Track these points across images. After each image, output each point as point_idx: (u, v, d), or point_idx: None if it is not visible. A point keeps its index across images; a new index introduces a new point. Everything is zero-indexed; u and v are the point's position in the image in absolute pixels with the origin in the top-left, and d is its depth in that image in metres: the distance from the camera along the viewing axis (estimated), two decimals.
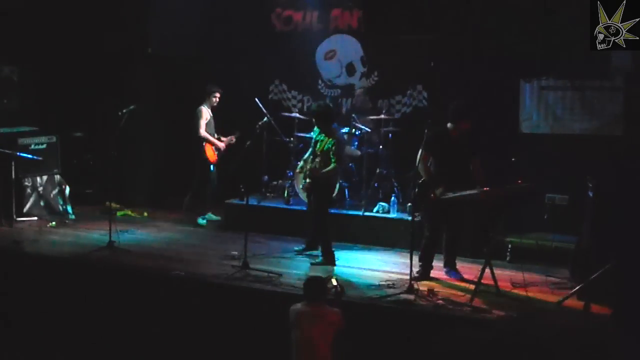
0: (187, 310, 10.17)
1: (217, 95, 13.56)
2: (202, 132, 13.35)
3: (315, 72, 14.90)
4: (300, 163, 11.93)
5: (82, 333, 10.41)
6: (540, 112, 12.63)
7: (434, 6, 12.77)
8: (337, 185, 12.78)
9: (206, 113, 13.46)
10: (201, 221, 13.64)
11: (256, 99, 12.88)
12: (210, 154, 13.43)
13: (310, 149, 11.72)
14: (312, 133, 11.86)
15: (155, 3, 14.70)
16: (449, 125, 10.56)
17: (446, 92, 12.49)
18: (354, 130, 13.30)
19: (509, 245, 11.65)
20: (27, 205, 13.77)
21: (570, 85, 12.40)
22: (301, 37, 14.78)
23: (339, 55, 14.72)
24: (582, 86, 12.32)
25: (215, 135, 13.53)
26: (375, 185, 13.37)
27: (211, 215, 13.78)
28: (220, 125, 14.12)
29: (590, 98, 12.29)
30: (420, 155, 10.41)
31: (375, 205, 12.91)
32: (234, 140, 13.51)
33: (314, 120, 11.54)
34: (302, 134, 13.49)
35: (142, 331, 10.21)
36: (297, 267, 11.25)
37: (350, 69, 14.63)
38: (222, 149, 13.52)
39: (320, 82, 14.89)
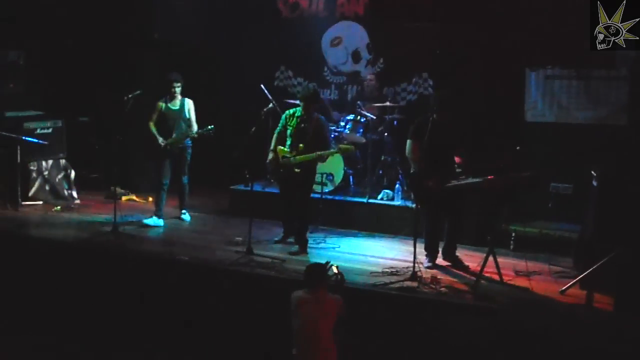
0: (190, 296, 10.21)
1: (177, 85, 12.43)
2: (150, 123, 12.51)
3: (321, 58, 14.88)
4: (270, 155, 11.46)
5: (86, 317, 10.46)
6: (546, 101, 12.64)
7: None
8: (342, 172, 12.84)
9: (161, 105, 12.50)
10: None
11: (262, 85, 12.86)
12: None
13: (276, 136, 11.45)
14: (286, 117, 11.42)
15: None
16: (433, 114, 10.54)
17: (452, 80, 12.51)
18: (359, 117, 13.29)
19: (513, 234, 11.64)
20: (33, 190, 13.81)
21: (576, 74, 12.39)
22: (307, 24, 14.76)
23: (345, 42, 14.71)
24: (587, 75, 12.31)
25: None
26: (380, 172, 13.38)
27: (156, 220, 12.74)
28: (225, 111, 14.14)
29: (595, 87, 12.29)
30: (410, 146, 10.44)
31: (379, 193, 12.92)
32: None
33: (303, 104, 11.24)
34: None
35: (146, 316, 10.25)
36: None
37: (356, 56, 14.61)
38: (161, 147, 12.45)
39: (325, 68, 14.88)
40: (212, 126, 12.20)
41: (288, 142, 11.30)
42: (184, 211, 12.90)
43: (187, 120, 12.44)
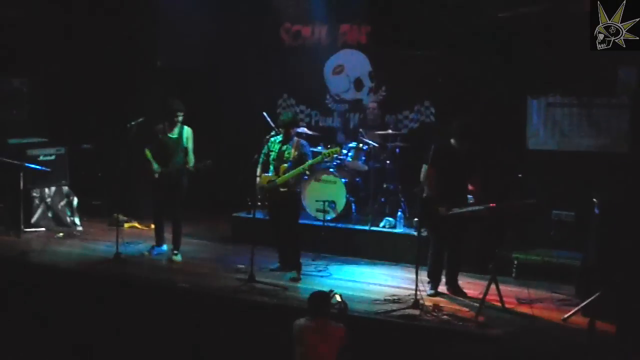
0: (192, 323, 10.19)
1: (180, 115, 12.10)
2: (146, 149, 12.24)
3: (323, 86, 14.94)
4: (257, 180, 11.48)
5: (88, 344, 10.44)
6: (547, 129, 12.65)
7: (442, 22, 12.78)
8: (345, 200, 12.85)
9: (158, 131, 12.19)
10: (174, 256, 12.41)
11: (264, 113, 12.89)
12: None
13: (260, 166, 11.52)
14: (268, 144, 11.52)
15: (164, 17, 14.73)
16: (452, 140, 10.58)
17: (454, 108, 12.54)
18: (361, 145, 13.32)
19: (515, 262, 11.62)
20: (35, 216, 13.84)
21: (577, 102, 12.42)
22: (310, 52, 14.83)
23: (347, 70, 14.76)
24: (589, 103, 12.33)
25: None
26: (382, 200, 13.39)
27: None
28: (227, 139, 14.17)
29: (597, 115, 12.30)
30: (426, 171, 10.43)
31: (381, 220, 12.92)
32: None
33: (284, 130, 11.38)
34: (311, 148, 13.50)
35: (148, 343, 10.23)
36: (303, 280, 11.24)
37: (358, 84, 14.66)
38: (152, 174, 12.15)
39: (328, 96, 14.93)
40: (210, 161, 11.94)
41: (271, 167, 11.41)
42: (175, 252, 12.25)
43: (184, 150, 12.13)
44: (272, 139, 11.56)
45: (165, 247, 12.50)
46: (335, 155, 12.15)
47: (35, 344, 10.59)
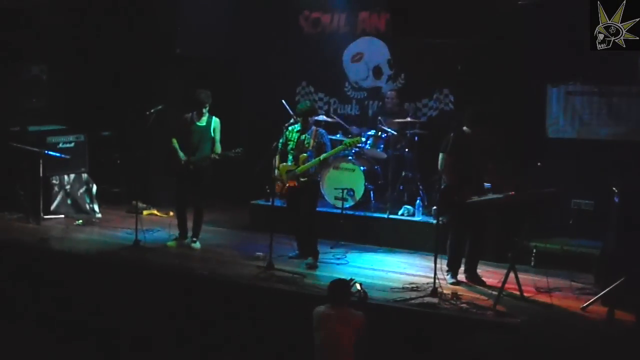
0: (211, 310, 10.22)
1: (207, 106, 12.10)
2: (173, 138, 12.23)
3: (342, 74, 14.93)
4: (275, 172, 11.49)
5: (107, 330, 10.49)
6: (567, 117, 12.60)
7: (462, 11, 12.71)
8: (363, 187, 12.85)
9: (187, 120, 12.20)
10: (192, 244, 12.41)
11: (282, 101, 12.90)
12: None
13: (279, 154, 11.49)
14: (286, 133, 11.49)
15: (183, 4, 14.75)
16: (465, 128, 10.58)
17: (473, 96, 12.51)
18: (380, 133, 13.31)
19: (534, 250, 11.63)
20: (55, 203, 13.90)
21: (597, 90, 12.37)
22: (328, 40, 14.83)
23: (366, 57, 14.75)
24: (609, 91, 12.28)
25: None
26: (401, 188, 13.38)
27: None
28: (246, 126, 14.20)
29: (617, 103, 12.25)
30: (444, 160, 10.42)
31: (400, 208, 12.92)
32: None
33: (302, 119, 11.38)
34: (329, 136, 13.49)
35: (166, 330, 10.27)
36: (322, 268, 11.27)
37: (377, 72, 14.64)
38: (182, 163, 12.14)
39: (347, 84, 14.92)
40: (241, 149, 11.92)
41: (290, 157, 11.42)
42: (195, 239, 12.27)
43: (211, 139, 12.11)
44: (290, 127, 11.54)
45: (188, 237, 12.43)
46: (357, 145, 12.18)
47: (53, 330, 10.67)
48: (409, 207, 12.88)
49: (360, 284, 9.40)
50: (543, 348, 8.67)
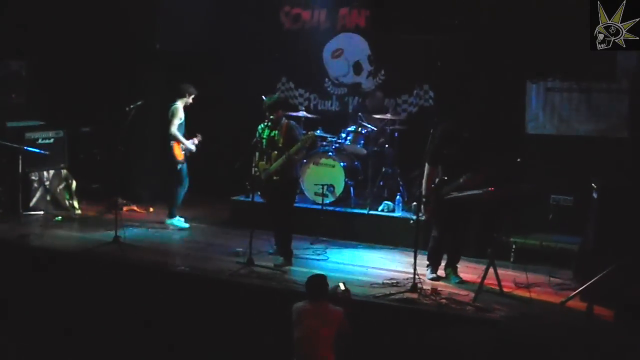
0: (190, 306, 10.21)
1: (193, 96, 13.02)
2: (174, 129, 12.79)
3: (323, 70, 14.93)
4: (253, 170, 11.44)
5: (86, 327, 10.45)
6: (546, 113, 12.62)
7: (442, 6, 12.75)
8: (343, 183, 12.85)
9: (181, 112, 12.92)
10: (176, 222, 13.19)
11: (263, 97, 12.87)
12: (178, 152, 12.90)
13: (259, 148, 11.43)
14: (259, 132, 11.41)
15: None
16: (452, 125, 10.59)
17: (452, 92, 12.53)
18: (360, 129, 13.32)
19: (513, 246, 11.66)
20: (34, 200, 13.83)
21: (577, 86, 12.40)
22: (309, 35, 14.82)
23: (346, 53, 14.76)
24: (588, 88, 12.29)
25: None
26: (381, 183, 13.38)
27: (179, 221, 13.26)
28: (226, 122, 14.18)
29: (596, 100, 12.27)
30: (428, 171, 10.47)
31: (380, 204, 12.93)
32: (196, 141, 13.04)
33: (269, 114, 11.24)
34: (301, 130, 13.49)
35: (146, 326, 10.25)
36: (302, 264, 11.27)
37: (357, 68, 14.65)
38: (192, 150, 12.99)
39: (327, 80, 14.92)
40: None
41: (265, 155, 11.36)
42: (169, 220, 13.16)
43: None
44: (260, 125, 11.42)
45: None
46: (319, 141, 12.13)
47: (32, 327, 10.63)
48: (389, 203, 12.89)
49: (344, 283, 9.31)
50: (522, 343, 8.69)
